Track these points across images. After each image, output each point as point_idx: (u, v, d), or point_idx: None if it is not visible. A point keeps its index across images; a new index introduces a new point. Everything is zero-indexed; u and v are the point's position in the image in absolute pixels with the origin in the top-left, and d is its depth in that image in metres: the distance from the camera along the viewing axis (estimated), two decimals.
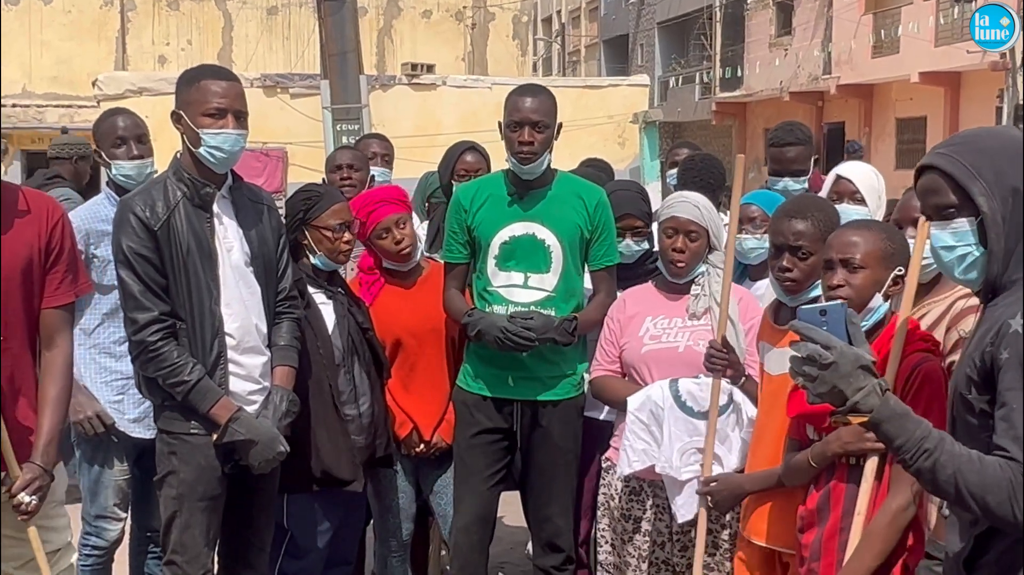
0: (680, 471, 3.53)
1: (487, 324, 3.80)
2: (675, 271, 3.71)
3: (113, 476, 4.10)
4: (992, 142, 2.21)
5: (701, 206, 3.75)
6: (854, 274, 2.80)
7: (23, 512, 2.99)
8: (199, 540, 3.45)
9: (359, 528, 4.26)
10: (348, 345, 3.89)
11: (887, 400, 2.12)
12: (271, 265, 3.55)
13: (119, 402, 4.05)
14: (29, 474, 3.01)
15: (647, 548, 3.70)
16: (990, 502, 2.01)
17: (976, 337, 2.15)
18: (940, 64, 21.45)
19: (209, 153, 3.40)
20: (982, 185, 2.15)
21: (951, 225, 2.19)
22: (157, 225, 3.35)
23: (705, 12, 30.90)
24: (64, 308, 3.17)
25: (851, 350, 2.15)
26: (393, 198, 4.21)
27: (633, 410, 3.60)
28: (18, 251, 3.02)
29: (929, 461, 2.07)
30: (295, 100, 18.36)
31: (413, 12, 26.32)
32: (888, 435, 2.12)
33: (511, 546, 5.49)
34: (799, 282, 3.16)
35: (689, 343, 3.66)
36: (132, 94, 17.77)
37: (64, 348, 3.17)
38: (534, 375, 3.91)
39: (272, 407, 3.47)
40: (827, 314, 2.23)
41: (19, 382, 3.03)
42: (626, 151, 20.65)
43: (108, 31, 24.72)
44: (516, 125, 3.84)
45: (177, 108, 3.44)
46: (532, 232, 3.90)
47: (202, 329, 3.39)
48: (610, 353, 3.81)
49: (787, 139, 4.96)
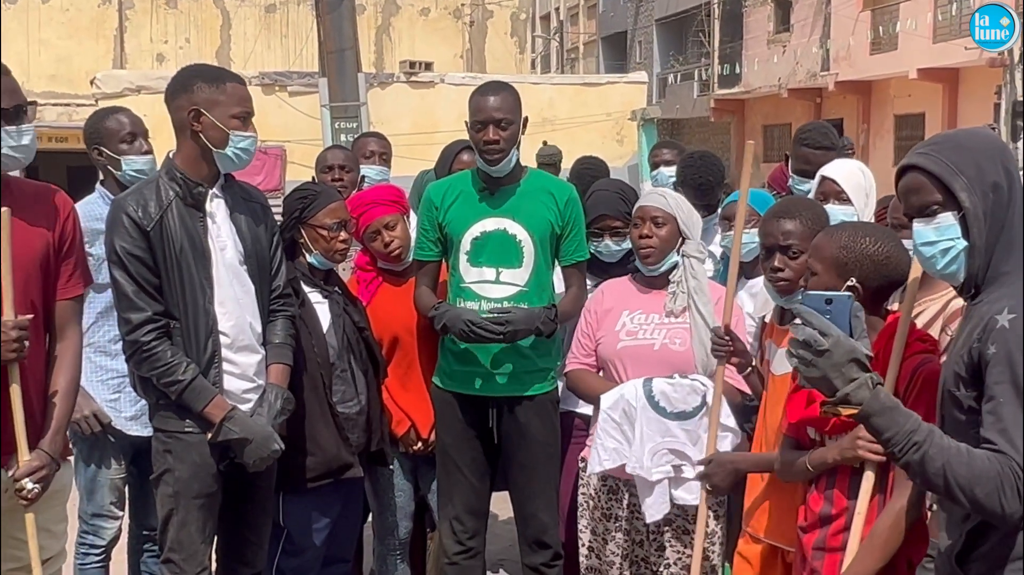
0: (651, 472, 3.52)
1: (452, 317, 3.81)
2: (646, 259, 3.70)
3: (109, 475, 4.11)
4: (970, 141, 2.27)
5: (667, 196, 3.79)
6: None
7: (24, 498, 3.00)
8: (196, 538, 3.45)
9: (357, 526, 4.25)
10: (343, 344, 3.89)
11: (877, 394, 2.14)
12: (265, 263, 3.55)
13: (115, 400, 4.06)
14: (36, 461, 3.03)
15: (628, 547, 3.71)
16: (978, 494, 2.03)
17: (963, 334, 2.17)
18: (938, 61, 21.45)
19: (235, 155, 3.41)
20: (963, 181, 2.20)
21: (934, 221, 2.23)
22: (150, 225, 3.35)
23: (703, 9, 30.89)
24: (75, 300, 3.22)
25: (847, 341, 2.17)
26: (385, 199, 4.21)
27: (606, 408, 3.59)
28: (35, 244, 3.05)
29: (918, 454, 2.09)
30: (293, 98, 18.38)
31: (411, 9, 26.31)
32: (878, 428, 2.14)
33: (510, 543, 5.48)
34: (792, 281, 3.16)
35: (665, 341, 3.66)
36: (131, 92, 17.78)
37: (74, 339, 3.21)
38: (508, 371, 3.92)
39: (267, 405, 3.47)
40: (832, 303, 2.25)
41: (32, 372, 3.05)
42: (624, 148, 20.66)
43: (106, 29, 24.71)
44: (480, 125, 3.84)
45: (194, 105, 3.39)
46: (503, 227, 3.91)
47: (196, 328, 3.39)
48: (586, 346, 3.81)
49: (822, 143, 4.82)
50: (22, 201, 3.01)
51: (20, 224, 2.96)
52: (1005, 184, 2.21)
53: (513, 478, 4.04)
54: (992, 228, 2.19)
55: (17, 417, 2.98)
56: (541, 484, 3.98)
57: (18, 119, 2.98)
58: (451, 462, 4.02)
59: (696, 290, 3.67)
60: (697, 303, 3.66)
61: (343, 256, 3.96)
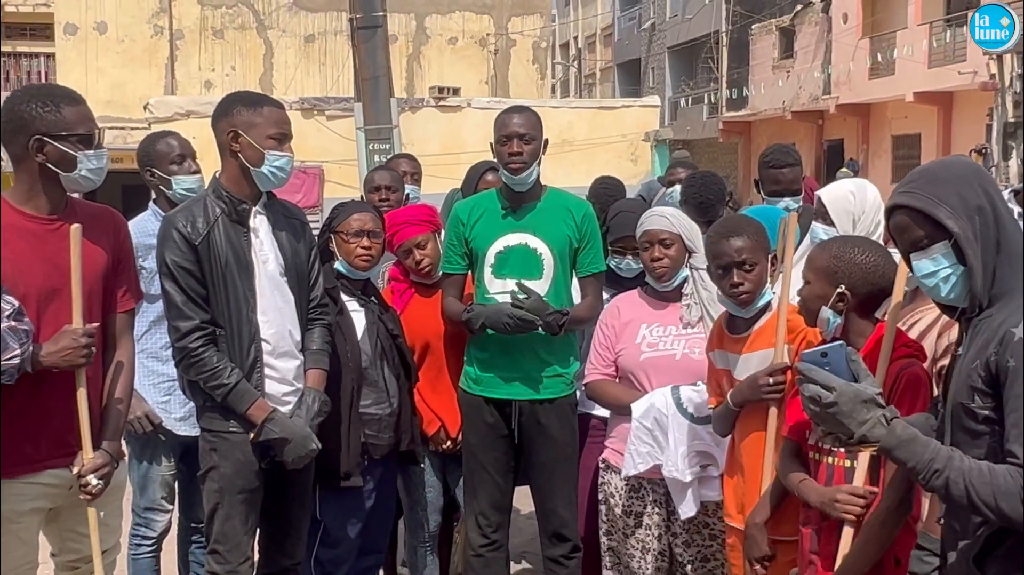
0: (685, 473, 3.54)
1: (491, 313, 3.81)
2: (660, 278, 3.71)
3: (160, 471, 4.14)
4: (946, 172, 2.26)
5: (668, 215, 3.78)
6: (805, 286, 2.81)
7: (88, 493, 3.02)
8: (239, 530, 3.46)
9: (390, 520, 4.25)
10: (377, 350, 3.90)
11: (893, 429, 2.14)
12: (303, 275, 3.56)
13: (166, 402, 4.08)
14: (100, 459, 3.04)
15: (649, 540, 3.70)
16: (1004, 509, 2.02)
17: (974, 348, 2.14)
18: (933, 84, 21.35)
19: (271, 173, 3.42)
20: (947, 209, 2.18)
21: (928, 253, 2.21)
22: (198, 240, 3.37)
23: (712, 37, 30.86)
24: (128, 312, 3.24)
25: (850, 388, 2.16)
26: (417, 219, 4.23)
27: (638, 417, 3.60)
28: (97, 261, 3.08)
29: (940, 479, 2.08)
30: (331, 121, 18.45)
31: (440, 39, 26.36)
32: (900, 460, 2.14)
33: (531, 537, 5.46)
34: (751, 293, 3.22)
35: (685, 351, 3.67)
36: (180, 116, 17.91)
37: (128, 348, 3.23)
38: (529, 375, 3.92)
39: (305, 407, 3.47)
40: (828, 355, 2.24)
41: (91, 378, 3.07)
42: (638, 167, 20.61)
43: (158, 58, 24.86)
44: (505, 139, 3.88)
45: (233, 127, 3.42)
46: (525, 242, 3.92)
47: (240, 335, 3.40)
48: (605, 357, 3.80)
49: (786, 161, 4.92)
50: (86, 221, 3.03)
51: (85, 242, 2.99)
52: (987, 205, 2.19)
53: (534, 476, 4.03)
54: (986, 248, 2.17)
55: (83, 418, 3.00)
56: (560, 481, 3.98)
57: (93, 144, 3.02)
58: (476, 461, 4.01)
59: (708, 300, 3.66)
60: (710, 312, 3.65)
61: (365, 263, 3.91)
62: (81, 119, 2.99)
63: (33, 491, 3.00)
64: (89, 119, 3.03)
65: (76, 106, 2.99)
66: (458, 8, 26.31)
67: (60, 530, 3.17)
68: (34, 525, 3.06)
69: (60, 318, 2.95)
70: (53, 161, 2.95)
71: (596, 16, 42.37)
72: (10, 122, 2.95)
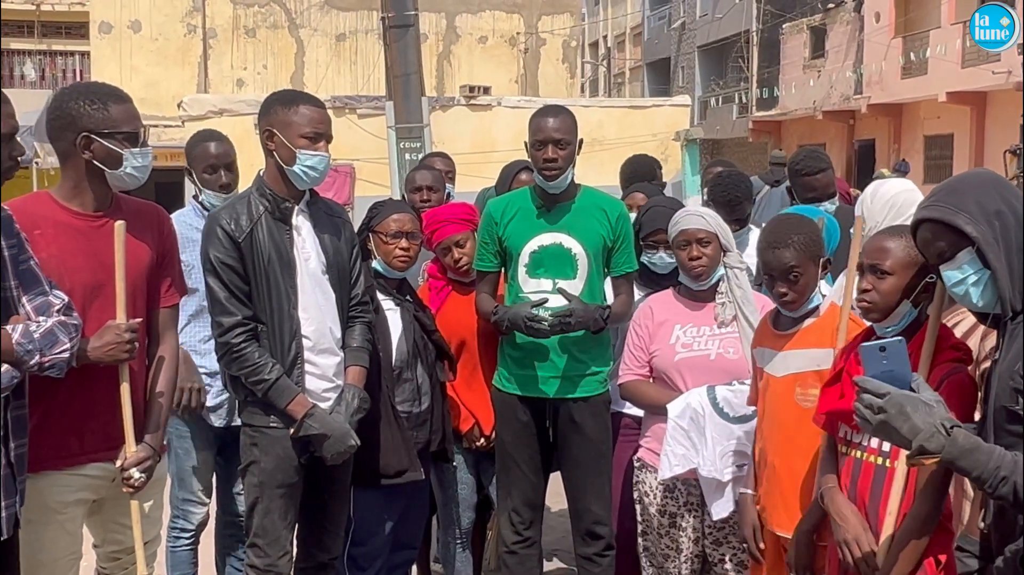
0: (723, 472, 3.54)
1: (512, 315, 3.82)
2: (697, 277, 3.71)
3: (197, 463, 4.16)
4: (964, 183, 2.32)
5: (704, 215, 3.78)
6: (881, 280, 2.72)
7: (131, 486, 3.06)
8: (279, 524, 3.49)
9: (424, 517, 4.28)
10: (412, 349, 3.92)
11: (955, 439, 2.08)
12: (345, 273, 3.58)
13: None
14: (143, 453, 3.08)
15: (683, 541, 3.70)
16: None
17: (1011, 351, 2.13)
18: (967, 84, 21.14)
19: (303, 171, 3.44)
20: (966, 215, 2.22)
21: (954, 262, 2.24)
22: (241, 237, 3.40)
23: (743, 36, 30.69)
24: (172, 308, 3.27)
25: (898, 396, 2.13)
26: (457, 217, 4.24)
27: (674, 417, 3.60)
28: (142, 257, 3.12)
29: (1007, 487, 2.06)
30: (362, 120, 18.48)
31: (470, 38, 26.38)
32: (964, 469, 2.10)
33: (562, 535, 5.47)
34: (796, 302, 3.22)
35: (720, 351, 3.67)
36: (213, 114, 18.00)
37: (172, 343, 3.26)
38: (564, 374, 3.93)
39: (344, 404, 3.49)
40: (886, 350, 2.23)
41: (134, 372, 3.11)
42: (668, 167, 20.50)
43: (191, 57, 25.04)
44: (540, 144, 3.86)
45: (269, 126, 3.45)
46: (559, 242, 3.92)
47: (281, 332, 3.43)
48: (639, 358, 3.80)
49: (818, 166, 4.87)
50: (130, 217, 3.07)
51: (129, 238, 3.03)
52: (1007, 209, 2.22)
53: (567, 474, 4.04)
54: (1009, 250, 2.19)
55: (126, 412, 3.04)
56: (594, 479, 3.98)
57: (139, 142, 3.06)
58: (510, 458, 4.03)
59: (743, 299, 3.67)
60: (744, 311, 3.65)
61: (403, 263, 3.94)
62: (127, 117, 3.03)
63: (78, 483, 3.05)
64: (135, 117, 3.07)
65: (123, 104, 3.03)
66: (488, 7, 26.31)
67: (103, 521, 3.21)
68: (78, 516, 3.10)
69: (105, 313, 2.99)
70: (99, 158, 2.99)
71: (626, 15, 42.25)
72: (58, 119, 3.00)
